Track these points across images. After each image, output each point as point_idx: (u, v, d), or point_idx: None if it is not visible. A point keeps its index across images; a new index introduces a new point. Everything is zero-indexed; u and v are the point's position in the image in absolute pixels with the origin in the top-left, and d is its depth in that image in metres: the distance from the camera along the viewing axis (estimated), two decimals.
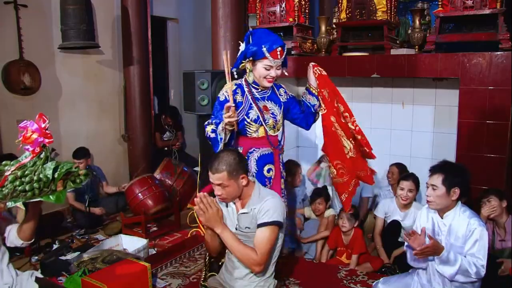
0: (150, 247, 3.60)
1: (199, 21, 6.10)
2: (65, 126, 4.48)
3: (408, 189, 3.22)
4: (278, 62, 2.45)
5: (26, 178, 1.96)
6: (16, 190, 1.93)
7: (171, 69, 6.05)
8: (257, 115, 2.54)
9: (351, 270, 3.08)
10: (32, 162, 2.02)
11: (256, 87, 2.58)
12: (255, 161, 2.58)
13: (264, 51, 2.41)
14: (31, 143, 2.00)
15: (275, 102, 2.63)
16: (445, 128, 3.61)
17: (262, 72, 2.47)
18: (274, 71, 2.47)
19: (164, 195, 4.23)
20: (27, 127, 2.03)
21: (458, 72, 3.17)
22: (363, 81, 4.01)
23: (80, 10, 4.06)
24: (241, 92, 2.56)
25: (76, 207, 4.10)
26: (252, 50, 2.44)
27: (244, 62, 2.52)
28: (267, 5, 4.03)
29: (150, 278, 2.62)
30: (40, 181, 1.96)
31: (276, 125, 2.62)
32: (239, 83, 2.60)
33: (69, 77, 4.53)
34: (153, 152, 5.19)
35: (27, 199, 1.94)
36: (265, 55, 2.42)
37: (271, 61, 2.43)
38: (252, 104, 2.54)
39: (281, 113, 2.65)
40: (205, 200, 2.16)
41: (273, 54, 2.42)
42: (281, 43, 2.46)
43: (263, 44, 2.41)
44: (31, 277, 2.43)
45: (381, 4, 3.64)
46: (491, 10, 3.06)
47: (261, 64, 2.46)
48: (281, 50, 2.44)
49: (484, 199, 2.81)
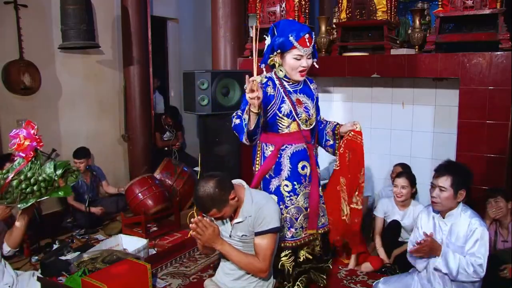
0: (150, 247, 3.60)
1: (199, 21, 6.10)
2: (65, 126, 4.48)
3: (401, 186, 3.23)
4: (307, 50, 2.32)
5: (31, 180, 2.03)
6: (24, 193, 2.01)
7: (171, 69, 6.06)
8: (290, 109, 2.39)
9: (351, 270, 3.08)
10: (28, 167, 2.09)
11: (287, 80, 2.44)
12: (288, 158, 2.45)
13: (292, 40, 2.27)
14: (24, 149, 2.07)
15: (308, 95, 2.51)
16: (445, 128, 3.61)
17: (293, 64, 2.34)
18: (306, 61, 2.33)
19: (164, 195, 4.23)
20: (18, 135, 2.08)
21: (458, 72, 3.17)
22: (363, 81, 4.01)
23: (80, 10, 4.07)
24: (272, 85, 2.41)
25: (76, 207, 4.10)
26: (279, 41, 2.31)
27: (272, 56, 2.40)
28: (267, 5, 4.03)
29: (150, 278, 2.62)
30: (44, 181, 2.06)
31: (309, 119, 2.49)
32: (270, 76, 2.45)
33: (69, 77, 4.53)
34: (153, 152, 5.19)
35: (37, 198, 2.04)
36: (293, 45, 2.28)
37: (300, 49, 2.29)
38: (284, 98, 2.40)
39: (314, 107, 2.53)
40: (200, 224, 2.11)
41: (302, 42, 2.29)
42: (308, 29, 2.33)
43: (289, 33, 2.28)
44: (32, 277, 2.43)
45: (381, 4, 3.64)
46: (491, 10, 3.06)
47: (290, 55, 2.32)
48: (309, 37, 2.31)
49: (491, 199, 2.79)
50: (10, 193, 2.02)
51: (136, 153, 5.02)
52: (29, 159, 2.08)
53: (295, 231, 2.49)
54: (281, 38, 2.30)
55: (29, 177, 2.03)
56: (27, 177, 2.03)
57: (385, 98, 3.96)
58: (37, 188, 2.03)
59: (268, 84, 2.40)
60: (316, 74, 4.03)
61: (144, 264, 2.67)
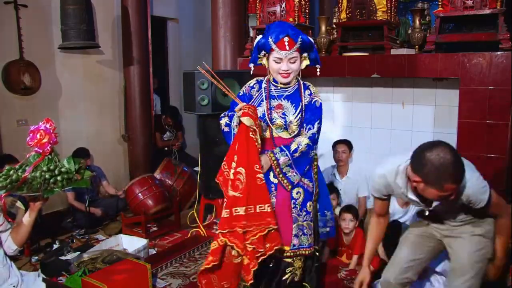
0: (150, 247, 3.60)
1: (199, 21, 6.10)
2: (65, 126, 4.48)
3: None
4: (287, 54, 2.19)
5: (56, 171, 2.11)
6: (46, 183, 2.09)
7: (171, 69, 6.06)
8: (263, 113, 2.30)
9: (351, 270, 3.09)
10: (45, 161, 2.15)
11: (275, 84, 2.34)
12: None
13: (271, 42, 2.19)
14: (42, 145, 2.13)
15: (292, 101, 2.32)
16: (445, 128, 3.61)
17: (273, 66, 2.25)
18: (286, 65, 2.21)
19: (164, 195, 4.23)
20: (39, 129, 2.13)
21: (458, 72, 3.17)
22: (363, 81, 4.01)
23: (80, 10, 4.07)
24: (258, 88, 2.38)
25: (76, 207, 4.10)
26: (260, 42, 2.25)
27: (261, 57, 2.35)
28: (267, 5, 4.04)
29: (150, 278, 2.62)
30: (67, 173, 2.15)
31: (288, 127, 2.30)
32: (261, 79, 2.40)
33: (69, 77, 4.53)
34: (153, 152, 5.19)
35: (62, 187, 2.12)
36: (271, 47, 2.20)
37: (279, 52, 2.19)
38: (262, 101, 2.33)
39: (296, 114, 2.31)
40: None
41: (280, 44, 2.18)
42: (288, 32, 2.19)
43: (270, 35, 2.20)
44: (38, 277, 2.44)
45: (381, 4, 3.64)
46: (491, 10, 3.06)
47: (271, 57, 2.24)
48: (289, 40, 2.18)
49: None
50: (28, 185, 2.09)
51: (136, 153, 5.02)
52: (46, 154, 2.14)
53: None
54: (263, 39, 2.26)
55: (52, 169, 2.11)
56: (49, 169, 2.11)
57: (385, 98, 3.96)
58: (61, 179, 2.11)
59: (254, 87, 2.39)
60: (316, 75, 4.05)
61: (144, 264, 2.67)
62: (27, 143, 2.14)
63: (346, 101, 4.20)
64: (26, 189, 2.08)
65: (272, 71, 2.29)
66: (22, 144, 3.46)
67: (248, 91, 2.38)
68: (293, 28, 2.25)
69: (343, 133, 4.16)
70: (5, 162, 3.46)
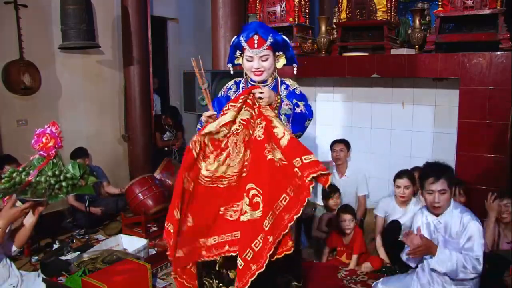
0: (150, 247, 3.60)
1: (199, 21, 6.10)
2: (65, 126, 4.46)
3: (404, 186, 3.24)
4: (257, 52, 2.19)
5: (61, 177, 2.08)
6: (51, 189, 2.07)
7: (171, 69, 6.06)
8: None
9: (351, 270, 3.08)
10: (50, 165, 2.12)
11: (252, 83, 2.34)
12: None
13: (242, 41, 2.21)
14: (47, 149, 2.10)
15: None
16: (445, 128, 3.61)
17: (246, 64, 2.27)
18: (258, 63, 2.21)
19: (164, 195, 4.23)
20: (45, 133, 2.11)
21: (458, 72, 3.17)
22: (363, 81, 4.01)
23: (80, 10, 4.07)
24: (235, 88, 2.42)
25: (76, 207, 4.10)
26: (234, 42, 2.27)
27: (237, 57, 2.35)
28: (267, 5, 4.04)
29: (150, 278, 2.62)
30: (72, 178, 2.13)
31: None
32: (239, 80, 2.45)
33: (69, 77, 4.53)
34: (153, 152, 5.19)
35: (67, 193, 2.11)
36: (243, 45, 2.22)
37: (249, 50, 2.20)
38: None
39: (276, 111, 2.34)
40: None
41: (250, 42, 2.19)
42: (257, 29, 2.20)
43: (242, 34, 2.23)
44: (38, 278, 2.44)
45: (381, 4, 3.64)
46: (491, 10, 3.06)
47: (244, 56, 2.26)
48: (258, 38, 2.18)
49: (501, 203, 2.79)
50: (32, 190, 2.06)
51: (136, 153, 5.02)
52: (50, 158, 2.12)
53: None
54: (237, 39, 2.27)
55: (57, 174, 2.09)
56: (54, 174, 2.08)
57: (385, 98, 3.96)
58: (66, 185, 2.09)
59: (231, 88, 2.42)
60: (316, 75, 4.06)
61: (144, 264, 2.67)
62: (31, 146, 2.11)
63: (346, 101, 4.20)
64: (31, 194, 2.05)
65: (246, 70, 2.30)
66: (22, 144, 3.47)
67: (225, 93, 2.40)
68: (264, 27, 2.26)
69: (343, 133, 4.16)
70: (5, 162, 3.47)
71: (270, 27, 2.41)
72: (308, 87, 4.17)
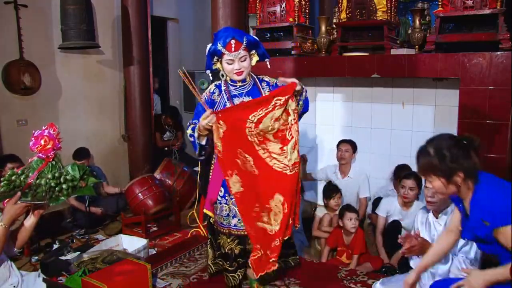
0: (150, 247, 3.60)
1: (199, 21, 6.10)
2: (65, 126, 4.48)
3: (409, 187, 3.22)
4: (236, 54, 2.40)
5: (61, 179, 2.09)
6: (52, 191, 2.08)
7: (171, 69, 6.06)
8: None
9: (351, 270, 3.08)
10: (49, 167, 2.12)
11: (233, 84, 2.52)
12: None
13: (220, 47, 2.40)
14: (46, 151, 2.10)
15: (253, 96, 2.51)
16: (445, 128, 3.59)
17: (227, 68, 2.45)
18: (238, 64, 2.41)
19: (164, 195, 4.23)
20: (43, 135, 2.10)
21: (458, 72, 3.17)
22: (363, 81, 4.01)
23: (80, 10, 4.07)
24: (219, 92, 2.54)
25: (76, 207, 4.10)
26: (211, 49, 2.45)
27: (214, 62, 2.52)
28: (267, 5, 4.04)
29: (150, 278, 2.62)
30: (72, 180, 2.13)
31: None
32: (219, 84, 2.58)
33: (69, 77, 4.53)
34: (153, 152, 5.19)
35: (67, 195, 2.13)
36: (222, 51, 2.40)
37: (229, 54, 2.40)
38: (226, 102, 2.49)
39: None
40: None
41: (228, 47, 2.39)
42: (233, 34, 2.41)
43: (218, 41, 2.41)
44: (38, 278, 2.44)
45: (381, 4, 3.64)
46: (491, 10, 3.06)
47: (224, 60, 2.44)
48: (235, 42, 2.38)
49: None
50: (33, 193, 2.06)
51: (136, 153, 5.01)
52: (49, 160, 2.12)
53: (238, 221, 2.51)
54: (213, 46, 2.44)
55: (57, 176, 2.09)
56: (54, 177, 2.08)
57: (385, 98, 3.96)
58: (66, 187, 2.10)
59: (214, 92, 2.54)
60: (316, 74, 4.06)
61: (144, 264, 2.67)
62: (30, 148, 2.11)
63: (346, 101, 4.20)
64: (31, 197, 2.05)
65: (227, 73, 2.48)
66: (22, 144, 3.47)
67: (209, 97, 2.52)
68: (237, 31, 2.49)
69: (343, 133, 4.16)
70: (7, 161, 3.47)
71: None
72: (308, 87, 4.15)
